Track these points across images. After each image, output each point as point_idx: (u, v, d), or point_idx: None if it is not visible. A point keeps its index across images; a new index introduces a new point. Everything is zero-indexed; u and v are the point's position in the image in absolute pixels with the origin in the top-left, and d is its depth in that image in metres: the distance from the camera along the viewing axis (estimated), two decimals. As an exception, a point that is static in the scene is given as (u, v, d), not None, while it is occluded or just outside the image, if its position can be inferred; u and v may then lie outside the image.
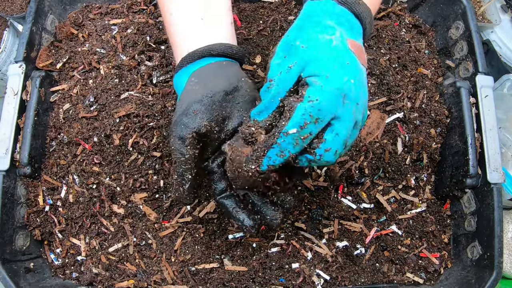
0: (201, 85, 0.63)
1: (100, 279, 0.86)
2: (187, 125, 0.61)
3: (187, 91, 0.63)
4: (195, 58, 0.65)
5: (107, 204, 0.90)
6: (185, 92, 0.63)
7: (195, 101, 0.61)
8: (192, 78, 0.64)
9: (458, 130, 0.93)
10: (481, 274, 0.84)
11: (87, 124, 0.95)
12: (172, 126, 0.62)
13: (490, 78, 0.93)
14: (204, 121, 0.61)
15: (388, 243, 0.90)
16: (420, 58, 1.03)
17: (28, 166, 0.90)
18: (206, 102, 0.62)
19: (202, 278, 0.85)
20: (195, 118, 0.61)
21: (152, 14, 1.04)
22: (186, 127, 0.61)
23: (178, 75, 0.66)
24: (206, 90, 0.62)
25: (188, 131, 0.60)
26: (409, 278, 0.88)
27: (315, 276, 0.84)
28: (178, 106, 0.63)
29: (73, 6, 1.08)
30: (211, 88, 0.62)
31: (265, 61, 0.97)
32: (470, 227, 0.90)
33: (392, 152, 0.93)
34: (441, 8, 1.04)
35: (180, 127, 0.61)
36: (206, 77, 0.64)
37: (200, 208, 0.90)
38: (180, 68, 0.66)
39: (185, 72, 0.65)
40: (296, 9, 1.05)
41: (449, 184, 0.94)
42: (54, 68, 1.00)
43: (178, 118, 0.61)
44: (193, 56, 0.65)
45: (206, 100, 0.62)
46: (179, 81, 0.67)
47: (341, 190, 0.91)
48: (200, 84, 0.63)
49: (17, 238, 0.87)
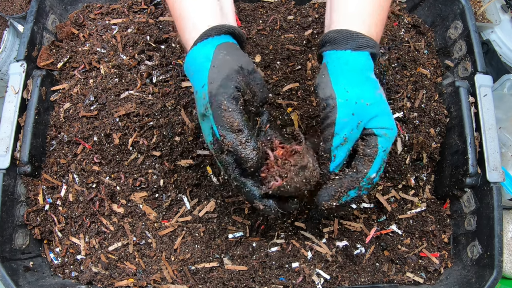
0: (232, 57, 0.65)
1: (100, 278, 0.86)
2: (235, 87, 0.62)
3: (221, 59, 0.64)
4: (222, 32, 0.67)
5: (107, 203, 0.90)
6: (219, 61, 0.64)
7: (235, 70, 0.64)
8: (221, 50, 0.65)
9: (458, 130, 0.93)
10: (481, 273, 0.84)
11: (87, 123, 0.95)
12: (218, 90, 0.62)
13: (489, 77, 0.93)
14: (246, 88, 0.65)
15: (388, 243, 0.90)
16: (420, 58, 1.03)
17: (29, 164, 0.90)
18: (242, 73, 0.65)
19: (202, 277, 0.85)
20: (238, 81, 0.63)
21: (152, 14, 1.05)
22: (234, 88, 0.62)
23: (203, 44, 0.66)
24: (238, 63, 0.65)
25: (237, 92, 0.63)
26: (409, 277, 0.88)
27: (315, 276, 0.84)
28: (215, 73, 0.63)
29: (74, 6, 1.08)
30: (242, 64, 0.66)
31: (265, 60, 0.97)
32: (470, 226, 0.90)
33: (392, 152, 0.93)
34: (440, 8, 1.04)
35: (230, 88, 0.62)
36: (233, 53, 0.66)
37: (200, 208, 0.90)
38: (206, 37, 0.66)
39: (211, 42, 0.66)
40: (295, 9, 1.06)
41: (449, 184, 0.94)
42: (55, 67, 1.00)
43: (222, 82, 0.62)
44: (220, 30, 0.67)
45: (242, 72, 0.65)
46: (204, 49, 0.66)
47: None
48: (232, 57, 0.65)
49: (16, 237, 0.87)
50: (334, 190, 0.66)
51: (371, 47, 0.66)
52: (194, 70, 0.66)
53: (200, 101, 0.65)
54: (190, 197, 0.92)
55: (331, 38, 0.67)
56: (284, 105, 0.94)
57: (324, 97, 0.65)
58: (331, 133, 0.64)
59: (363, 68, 0.66)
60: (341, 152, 0.66)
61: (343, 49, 0.66)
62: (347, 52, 0.65)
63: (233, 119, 0.61)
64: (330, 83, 0.65)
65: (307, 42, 1.00)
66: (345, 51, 0.65)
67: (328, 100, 0.64)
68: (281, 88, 0.95)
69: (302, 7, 1.06)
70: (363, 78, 0.66)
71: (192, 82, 0.68)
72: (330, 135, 0.65)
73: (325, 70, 0.67)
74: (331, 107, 0.64)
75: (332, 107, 0.64)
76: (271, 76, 0.96)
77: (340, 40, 0.66)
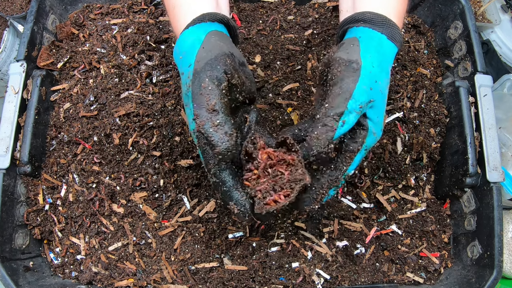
0: (225, 44, 0.62)
1: (100, 278, 0.86)
2: (222, 67, 0.59)
3: (212, 43, 0.61)
4: (216, 19, 0.65)
5: (107, 203, 0.90)
6: (211, 43, 0.61)
7: (225, 53, 0.60)
8: (212, 35, 0.63)
9: (458, 130, 0.93)
10: (481, 273, 0.84)
11: (87, 123, 0.95)
12: (203, 67, 0.58)
13: (489, 77, 0.93)
14: (234, 72, 0.60)
15: (388, 243, 0.90)
16: (419, 58, 1.03)
17: (29, 164, 0.90)
18: (232, 59, 0.61)
19: (202, 277, 0.85)
20: (227, 64, 0.59)
21: (152, 14, 1.05)
22: (221, 69, 0.58)
23: (196, 27, 0.63)
24: (230, 50, 0.62)
25: (222, 73, 0.59)
26: (409, 277, 0.88)
27: (315, 276, 0.84)
28: (204, 52, 0.60)
29: (74, 6, 1.08)
30: (234, 53, 0.63)
31: (265, 60, 0.98)
32: (470, 226, 0.90)
33: (392, 152, 0.93)
34: (440, 8, 1.04)
35: (215, 69, 0.58)
36: (225, 40, 0.64)
37: (200, 208, 0.90)
38: (200, 22, 0.64)
39: (204, 27, 0.64)
40: (295, 9, 1.06)
41: (449, 184, 0.94)
42: (55, 67, 1.00)
43: (210, 61, 0.58)
44: (215, 16, 0.65)
45: (232, 57, 0.61)
46: (196, 32, 0.63)
47: (341, 190, 0.91)
48: (223, 43, 0.62)
49: (16, 237, 0.87)
50: (316, 193, 0.61)
51: (399, 43, 0.64)
52: (183, 52, 0.63)
53: (184, 80, 0.61)
54: (190, 197, 0.92)
55: (367, 18, 0.63)
56: (284, 105, 0.94)
57: (349, 59, 0.59)
58: (347, 93, 0.56)
59: (390, 58, 0.63)
60: (351, 121, 0.57)
61: (380, 32, 0.62)
62: (383, 36, 0.62)
63: (209, 97, 0.56)
64: (359, 51, 0.60)
65: (307, 42, 1.00)
66: (382, 34, 0.62)
67: (353, 63, 0.59)
68: (281, 88, 0.95)
69: (302, 7, 1.06)
70: (387, 67, 0.62)
71: (180, 65, 0.64)
72: (345, 96, 0.56)
73: (356, 42, 0.62)
74: (354, 69, 0.58)
75: (356, 70, 0.58)
76: (271, 76, 0.96)
77: (377, 22, 0.63)
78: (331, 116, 0.56)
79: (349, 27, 0.67)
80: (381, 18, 0.63)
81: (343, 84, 0.57)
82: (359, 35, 0.63)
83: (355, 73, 0.58)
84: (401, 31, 0.65)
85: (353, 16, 0.66)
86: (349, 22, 0.67)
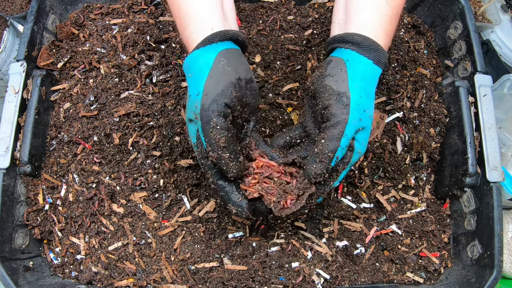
0: (232, 68, 0.67)
1: (100, 278, 0.86)
2: (226, 103, 0.64)
3: (220, 70, 0.66)
4: (225, 39, 0.68)
5: (107, 203, 0.90)
6: (218, 71, 0.66)
7: (232, 83, 0.66)
8: (221, 58, 0.66)
9: (457, 129, 0.93)
10: (481, 273, 0.84)
11: (87, 123, 0.95)
12: (210, 105, 0.64)
13: (489, 77, 0.93)
14: (237, 104, 0.67)
15: (388, 243, 0.90)
16: (419, 58, 1.03)
17: (28, 164, 0.90)
18: (238, 86, 0.66)
19: (202, 277, 0.85)
20: (232, 98, 0.65)
21: (152, 14, 1.05)
22: (226, 106, 0.65)
23: (206, 49, 0.67)
24: (237, 75, 0.66)
25: (227, 110, 0.65)
26: (409, 277, 0.88)
27: (315, 275, 0.84)
28: (211, 84, 0.65)
29: (74, 6, 1.08)
30: (240, 74, 0.67)
31: (265, 60, 0.98)
32: (470, 226, 0.90)
33: (392, 152, 0.93)
34: (440, 8, 1.04)
35: (221, 106, 0.64)
36: (233, 61, 0.67)
37: (200, 207, 0.90)
38: (210, 42, 0.67)
39: (214, 48, 0.67)
40: (295, 9, 1.06)
41: (449, 183, 0.94)
42: (55, 67, 1.00)
43: (216, 97, 0.64)
44: (224, 36, 0.68)
45: (239, 84, 0.66)
46: (206, 55, 0.67)
47: (341, 190, 0.91)
48: (231, 67, 0.67)
49: (16, 237, 0.87)
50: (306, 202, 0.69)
51: (383, 65, 0.68)
52: (192, 72, 0.68)
53: (191, 107, 0.67)
54: (190, 197, 0.92)
55: (356, 41, 0.67)
56: (284, 105, 0.94)
57: (339, 91, 0.64)
58: (341, 132, 0.63)
59: (374, 82, 0.68)
60: (343, 154, 0.66)
61: (367, 57, 0.67)
62: (369, 61, 0.67)
63: (219, 136, 0.64)
64: (347, 80, 0.65)
65: (307, 42, 1.00)
66: (368, 59, 0.67)
67: (342, 97, 0.64)
68: (281, 88, 0.95)
69: (302, 7, 1.06)
70: (372, 91, 0.68)
71: (188, 84, 0.69)
72: (338, 134, 0.63)
73: (343, 66, 0.67)
74: (344, 105, 0.64)
75: (346, 105, 0.63)
76: (271, 76, 0.96)
77: (365, 46, 0.67)
78: (326, 154, 0.64)
79: (338, 46, 0.71)
80: (369, 43, 0.67)
81: (336, 122, 0.64)
82: (346, 58, 0.68)
83: (346, 108, 0.64)
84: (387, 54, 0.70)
85: (343, 37, 0.70)
86: (338, 42, 0.71)
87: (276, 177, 0.72)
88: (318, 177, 0.66)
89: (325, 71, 0.68)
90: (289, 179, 0.72)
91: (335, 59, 0.69)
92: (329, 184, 0.69)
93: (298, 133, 0.75)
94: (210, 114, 0.64)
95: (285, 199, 0.70)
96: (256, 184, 0.71)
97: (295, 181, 0.71)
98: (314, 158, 0.66)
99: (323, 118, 0.66)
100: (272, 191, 0.71)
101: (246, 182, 0.72)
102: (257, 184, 0.71)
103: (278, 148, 0.75)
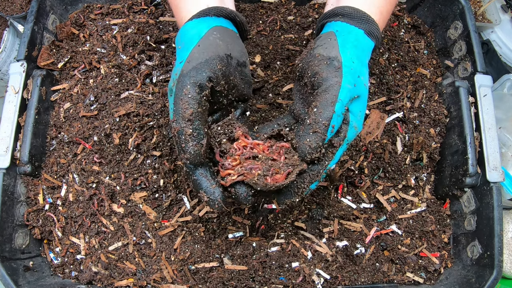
0: (224, 43, 0.62)
1: (100, 278, 0.86)
2: (207, 74, 0.58)
3: (211, 41, 0.61)
4: (221, 15, 0.64)
5: (107, 203, 0.90)
6: (208, 42, 0.61)
7: (219, 56, 0.60)
8: (214, 32, 0.62)
9: (457, 130, 0.93)
10: (481, 273, 0.84)
11: (87, 123, 0.95)
12: (189, 71, 0.58)
13: (489, 77, 0.93)
14: (221, 79, 0.61)
15: (388, 243, 0.90)
16: (419, 58, 1.03)
17: (29, 164, 0.90)
18: (226, 62, 0.61)
19: (202, 277, 0.85)
20: (215, 70, 0.59)
21: (152, 14, 1.05)
22: (206, 76, 0.58)
23: (200, 20, 0.63)
24: (228, 51, 0.61)
25: (206, 80, 0.59)
26: (409, 277, 0.88)
27: (315, 275, 0.84)
28: (196, 52, 0.60)
29: (74, 6, 1.08)
30: (232, 52, 0.62)
31: (265, 60, 0.98)
32: (470, 226, 0.90)
33: (392, 152, 0.93)
34: (440, 8, 1.04)
35: (201, 75, 0.58)
36: (227, 38, 0.63)
37: (200, 207, 0.90)
38: (204, 15, 0.63)
39: (207, 21, 0.63)
40: (295, 9, 1.06)
41: (449, 184, 0.94)
42: (55, 67, 1.00)
43: (198, 65, 0.58)
44: (221, 11, 0.64)
45: (226, 60, 0.61)
46: (199, 26, 0.62)
47: (341, 190, 0.91)
48: (223, 42, 0.62)
49: (16, 237, 0.87)
50: (297, 187, 0.61)
51: (376, 39, 0.64)
52: (182, 43, 0.63)
53: (172, 76, 0.62)
54: (190, 197, 0.92)
55: (346, 13, 0.64)
56: (284, 105, 0.94)
57: (329, 56, 0.59)
58: (334, 96, 0.56)
59: (367, 52, 0.63)
60: (339, 124, 0.58)
61: (357, 27, 0.62)
62: (360, 31, 0.62)
63: (187, 106, 0.58)
64: (337, 47, 0.60)
65: (307, 42, 1.00)
66: (359, 29, 0.62)
67: (333, 61, 0.59)
68: (281, 88, 0.95)
69: (302, 7, 1.06)
70: (365, 61, 0.63)
71: (177, 55, 0.65)
72: (332, 98, 0.56)
73: (333, 36, 0.62)
74: (336, 68, 0.58)
75: (338, 68, 0.58)
76: (271, 76, 0.96)
77: (355, 17, 0.63)
78: (321, 122, 0.57)
79: (328, 21, 0.67)
80: (360, 14, 0.63)
81: (328, 86, 0.57)
82: (336, 29, 0.63)
83: (338, 71, 0.58)
84: (381, 29, 0.65)
85: (333, 10, 0.66)
86: (328, 16, 0.67)
87: (261, 155, 0.61)
88: (313, 152, 0.58)
89: (314, 45, 0.64)
90: (276, 155, 0.61)
91: (324, 35, 0.64)
92: (324, 164, 0.60)
93: (287, 120, 0.67)
94: (186, 81, 0.58)
95: (271, 176, 0.59)
96: (237, 166, 0.61)
97: (283, 157, 0.60)
98: (307, 130, 0.58)
99: (314, 87, 0.60)
100: (256, 167, 0.60)
101: (226, 164, 0.62)
102: (238, 166, 0.61)
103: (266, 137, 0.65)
